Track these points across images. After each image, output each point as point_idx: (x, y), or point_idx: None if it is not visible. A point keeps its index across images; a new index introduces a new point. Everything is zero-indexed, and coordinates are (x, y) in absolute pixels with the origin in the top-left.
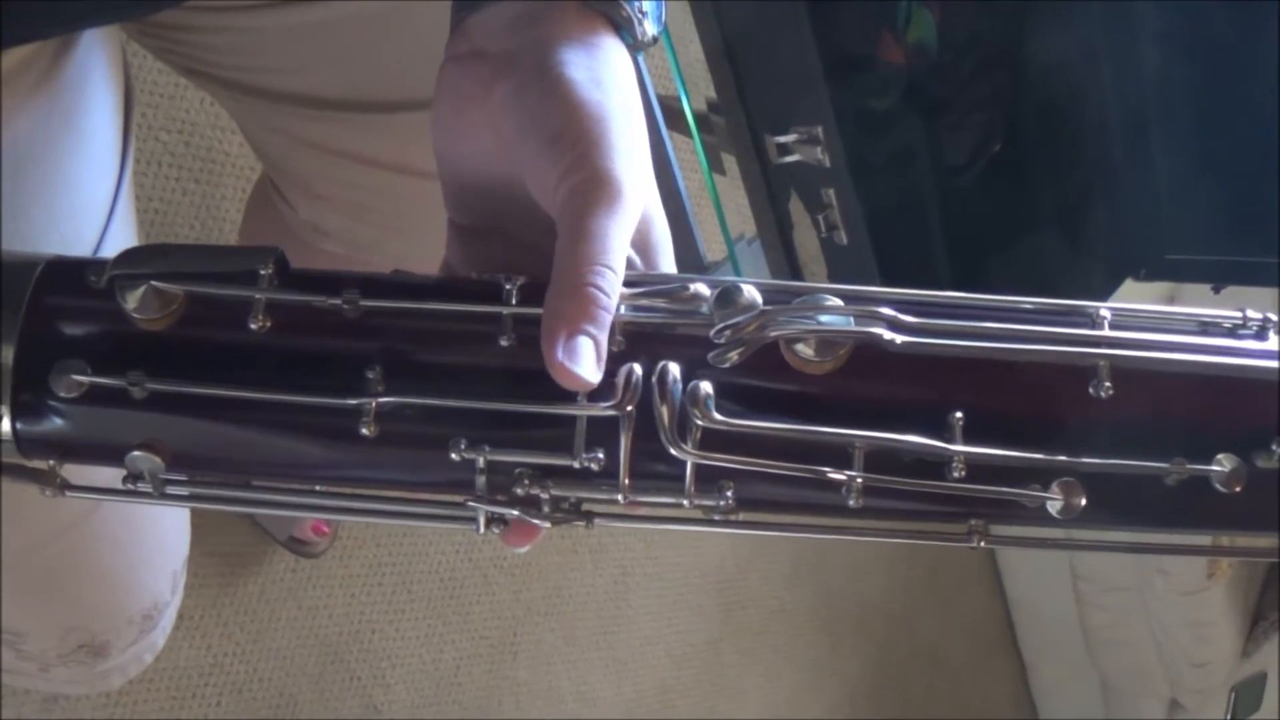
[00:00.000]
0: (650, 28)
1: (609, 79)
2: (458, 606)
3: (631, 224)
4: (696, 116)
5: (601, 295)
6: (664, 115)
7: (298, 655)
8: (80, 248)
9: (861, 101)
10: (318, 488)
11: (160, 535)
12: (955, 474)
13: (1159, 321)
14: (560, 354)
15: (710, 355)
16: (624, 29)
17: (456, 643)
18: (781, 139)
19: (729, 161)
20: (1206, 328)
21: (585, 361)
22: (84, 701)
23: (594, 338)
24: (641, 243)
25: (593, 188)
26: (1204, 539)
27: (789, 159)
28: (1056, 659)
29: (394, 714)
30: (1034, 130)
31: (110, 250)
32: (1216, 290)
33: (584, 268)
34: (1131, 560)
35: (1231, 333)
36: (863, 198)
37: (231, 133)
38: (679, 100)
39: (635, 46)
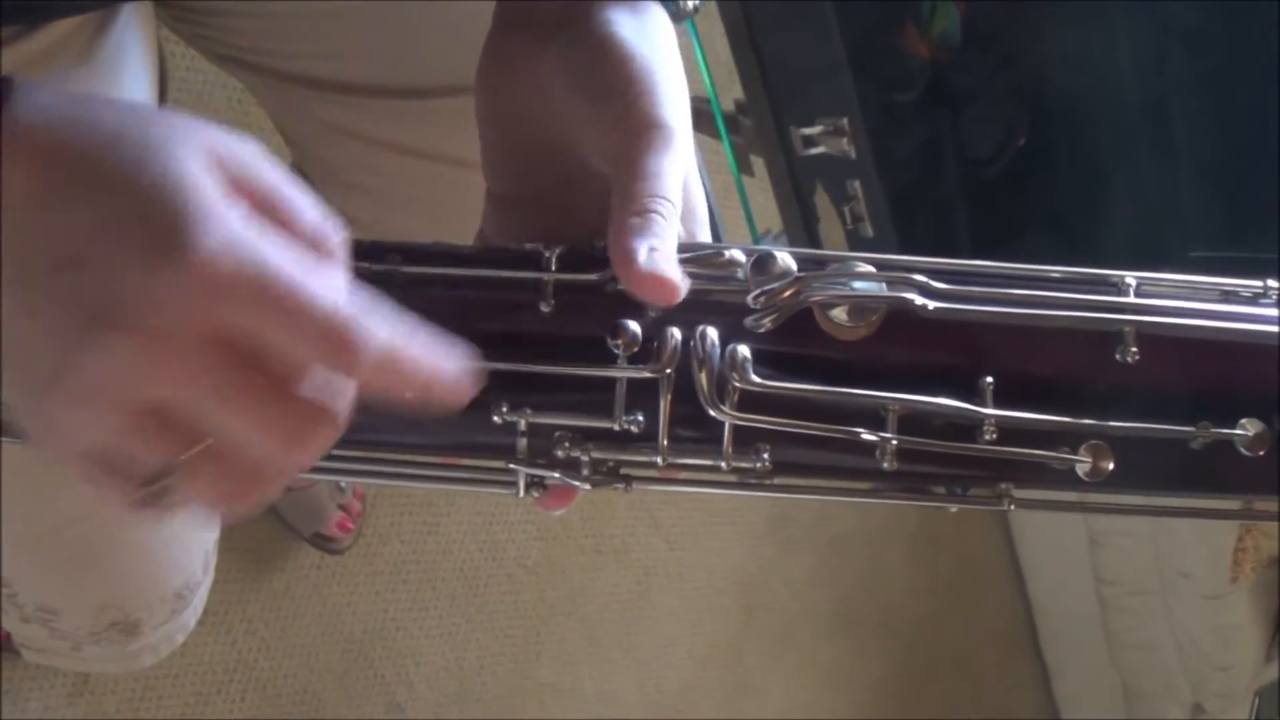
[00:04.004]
0: None
1: (655, 37)
2: (481, 605)
3: (683, 166)
4: (724, 118)
5: (660, 218)
6: (692, 117)
7: (322, 652)
8: None
9: (886, 94)
10: (358, 453)
11: None
12: (986, 437)
13: (1183, 290)
14: (643, 263)
15: (746, 320)
16: None
17: (480, 641)
18: (807, 131)
19: (756, 164)
20: (1228, 296)
21: (667, 267)
22: (109, 696)
23: (664, 250)
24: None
25: (644, 130)
26: (1231, 503)
27: (815, 151)
28: (1079, 663)
29: (417, 712)
30: (1058, 125)
31: None
32: None
33: (642, 198)
34: (1154, 563)
35: (1253, 300)
36: (887, 189)
37: (258, 131)
38: (707, 101)
39: (677, 15)
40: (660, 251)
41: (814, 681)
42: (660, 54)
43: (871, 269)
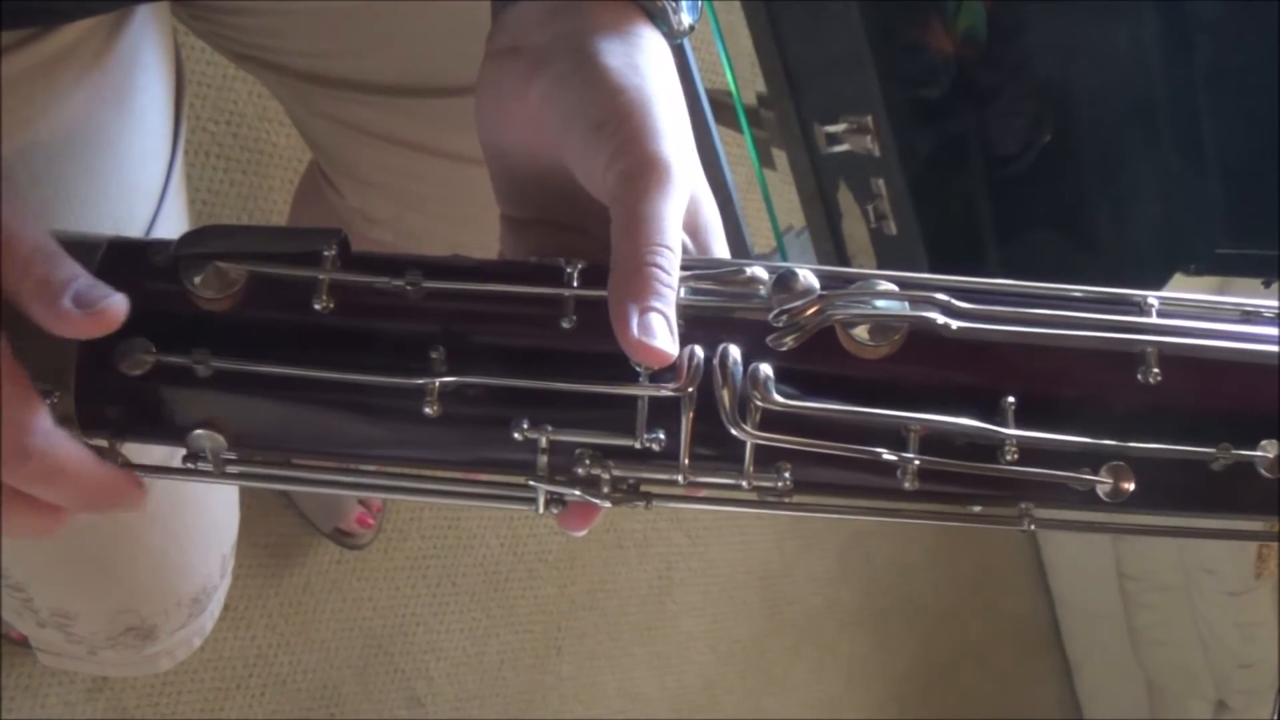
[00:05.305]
0: (685, 17)
1: (645, 64)
2: (502, 600)
3: (683, 202)
4: (746, 111)
5: (663, 273)
6: (713, 109)
7: (342, 647)
8: (132, 227)
9: (911, 91)
10: (377, 467)
11: (209, 518)
12: (1008, 457)
13: (1204, 310)
14: (636, 331)
15: (768, 339)
16: (658, 18)
17: (500, 636)
18: (831, 128)
19: (779, 157)
20: (1249, 316)
21: (661, 335)
22: (129, 692)
23: (663, 313)
24: (691, 225)
25: (641, 171)
26: (1252, 524)
27: (838, 148)
28: (1102, 659)
29: (437, 707)
30: (1084, 121)
31: (162, 231)
32: (1267, 284)
33: (642, 250)
34: (1178, 559)
35: (1274, 321)
36: (912, 187)
37: (279, 124)
38: (729, 95)
39: (671, 35)
40: (655, 313)
41: (836, 676)
42: (654, 82)
43: (894, 288)
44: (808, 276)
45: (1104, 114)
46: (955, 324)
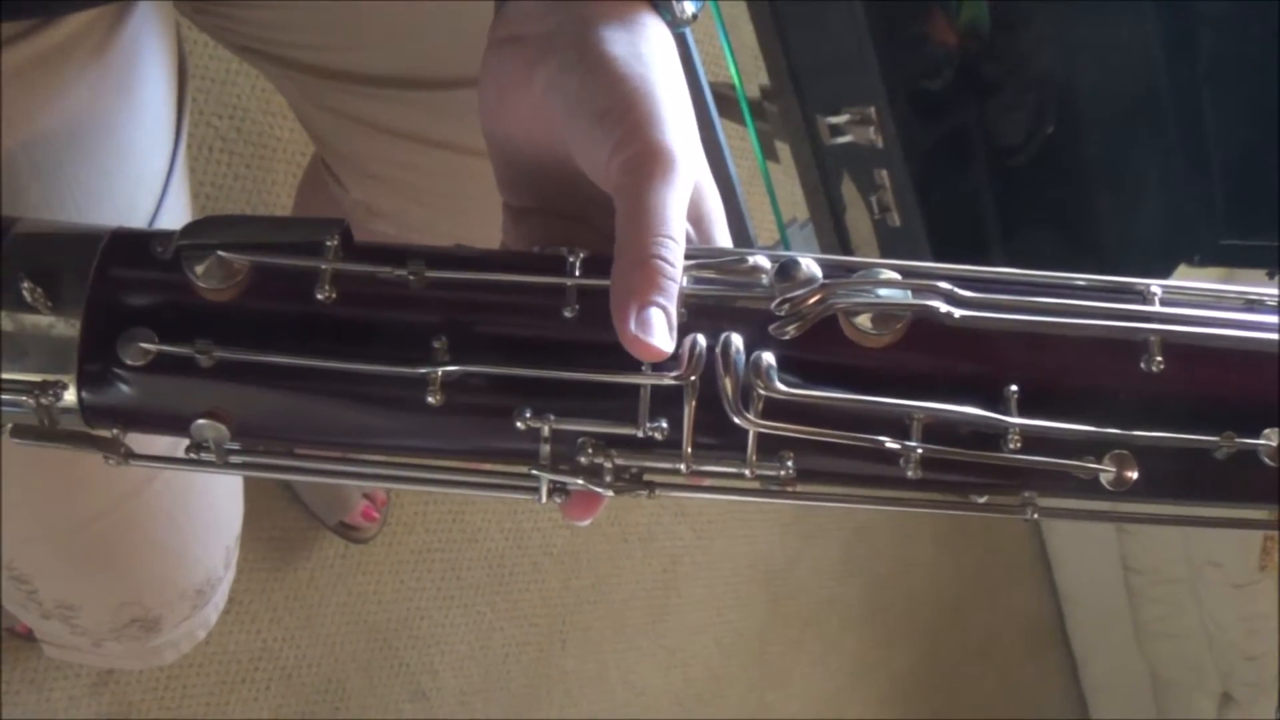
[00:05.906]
0: (688, 5)
1: (650, 53)
2: (507, 594)
3: (686, 192)
4: (749, 103)
5: (666, 266)
6: (716, 103)
7: (346, 641)
8: (136, 218)
9: (914, 82)
10: (380, 457)
11: (213, 510)
12: (1011, 446)
13: (1208, 299)
14: (633, 326)
15: (770, 327)
16: (662, 6)
17: (505, 630)
18: (834, 119)
19: (782, 150)
20: (1253, 305)
21: (658, 332)
22: (133, 686)
23: (663, 308)
24: (695, 215)
25: (646, 160)
26: (1256, 513)
27: (841, 140)
28: (1107, 652)
29: (442, 700)
30: (1087, 112)
31: (165, 222)
32: (1271, 275)
33: (646, 240)
34: (1183, 552)
35: (1276, 310)
36: (915, 179)
37: (283, 118)
38: (732, 88)
39: (675, 23)
40: (654, 307)
41: (840, 670)
42: (658, 71)
43: (897, 276)
44: (810, 265)
45: (1107, 106)
46: (958, 312)
